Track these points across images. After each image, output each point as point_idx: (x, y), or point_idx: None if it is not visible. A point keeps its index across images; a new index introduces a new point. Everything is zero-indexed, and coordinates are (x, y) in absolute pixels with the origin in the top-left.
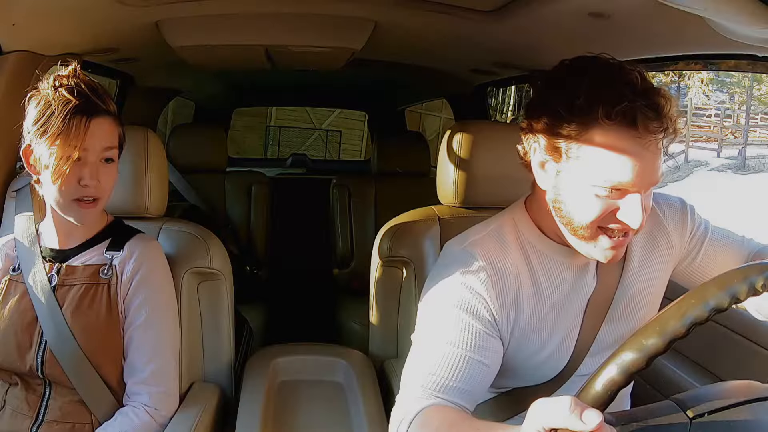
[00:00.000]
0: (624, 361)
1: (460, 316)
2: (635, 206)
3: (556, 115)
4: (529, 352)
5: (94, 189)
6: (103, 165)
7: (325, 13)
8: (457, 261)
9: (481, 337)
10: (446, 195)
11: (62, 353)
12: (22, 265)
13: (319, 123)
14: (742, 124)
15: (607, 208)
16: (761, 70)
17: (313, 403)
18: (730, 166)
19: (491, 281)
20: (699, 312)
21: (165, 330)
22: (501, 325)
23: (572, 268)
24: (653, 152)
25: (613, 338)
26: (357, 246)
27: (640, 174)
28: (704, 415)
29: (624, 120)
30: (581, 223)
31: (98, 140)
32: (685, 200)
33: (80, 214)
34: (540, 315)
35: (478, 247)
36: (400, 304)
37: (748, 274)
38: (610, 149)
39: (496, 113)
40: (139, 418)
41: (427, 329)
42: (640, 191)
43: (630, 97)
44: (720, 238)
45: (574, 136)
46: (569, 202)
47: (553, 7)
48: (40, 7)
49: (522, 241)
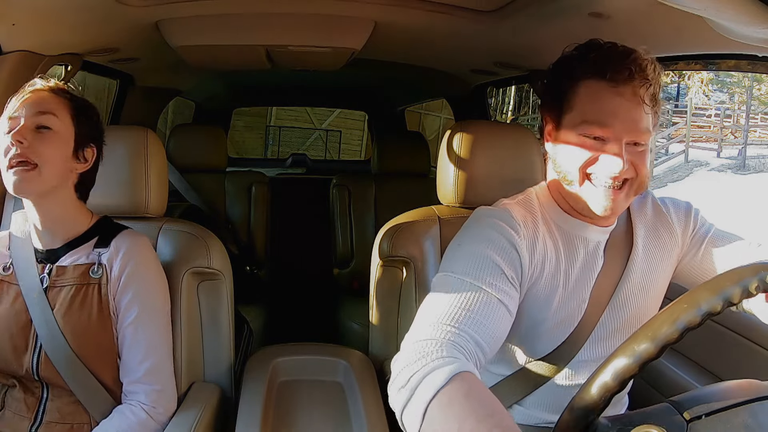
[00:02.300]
0: (617, 368)
1: (491, 255)
2: (615, 152)
3: (551, 84)
4: (538, 317)
5: (23, 150)
6: (38, 132)
7: (325, 13)
8: (493, 214)
9: (504, 281)
10: (446, 195)
11: (56, 355)
12: (16, 265)
13: (319, 123)
14: (742, 124)
15: (592, 156)
16: (761, 70)
17: (313, 403)
18: (730, 166)
19: (525, 234)
20: (691, 317)
21: (158, 327)
22: (524, 276)
23: (586, 243)
24: (629, 100)
25: (615, 325)
26: (357, 246)
27: (617, 121)
28: (701, 417)
29: (595, 70)
30: (571, 169)
31: (30, 106)
32: (692, 204)
33: (13, 179)
34: (557, 281)
35: (512, 208)
36: (400, 304)
37: (742, 276)
38: (589, 99)
39: (496, 113)
40: (136, 416)
41: (454, 266)
42: (619, 139)
43: (601, 52)
44: (722, 239)
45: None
46: (562, 154)
47: (553, 7)
48: (40, 7)
49: (543, 212)
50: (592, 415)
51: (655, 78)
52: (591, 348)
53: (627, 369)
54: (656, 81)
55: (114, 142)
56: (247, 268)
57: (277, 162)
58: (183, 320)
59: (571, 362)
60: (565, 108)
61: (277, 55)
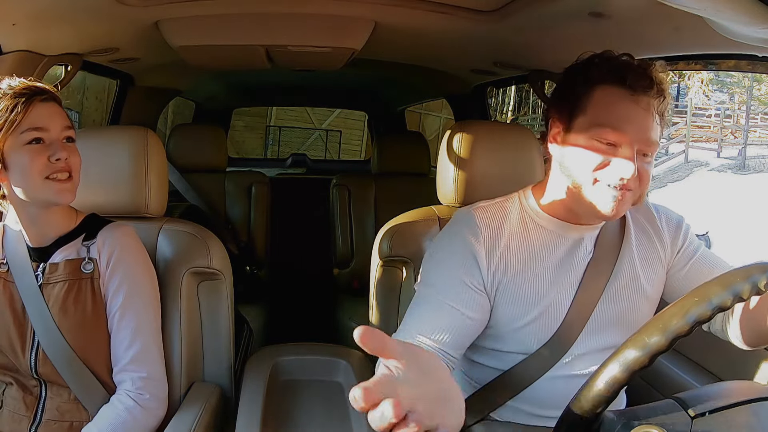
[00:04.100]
0: (627, 359)
1: (452, 271)
2: (628, 157)
3: (564, 88)
4: (518, 310)
5: (64, 162)
6: (67, 144)
7: (325, 13)
8: (458, 221)
9: (467, 291)
10: (446, 195)
11: (53, 352)
12: (11, 263)
13: (319, 123)
14: (742, 124)
15: (604, 160)
16: (761, 70)
17: (313, 403)
18: (730, 166)
19: (483, 239)
20: (702, 310)
21: (144, 313)
22: (487, 281)
23: (567, 240)
24: (644, 109)
25: (608, 318)
26: (357, 246)
27: (632, 127)
28: (705, 414)
29: (615, 77)
30: (581, 171)
31: (57, 120)
32: (684, 218)
33: (56, 191)
34: (528, 275)
35: (479, 210)
36: (400, 304)
37: (751, 273)
38: (605, 104)
39: (496, 113)
40: (123, 404)
41: (424, 281)
42: (632, 145)
43: (621, 60)
44: (708, 260)
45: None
46: (572, 157)
47: (553, 7)
48: (40, 7)
49: (523, 212)
50: (600, 408)
51: (668, 94)
52: (587, 340)
53: (637, 361)
54: (668, 97)
55: (114, 142)
56: (247, 268)
57: (277, 162)
58: (183, 320)
59: (567, 354)
60: (577, 111)
61: (277, 55)
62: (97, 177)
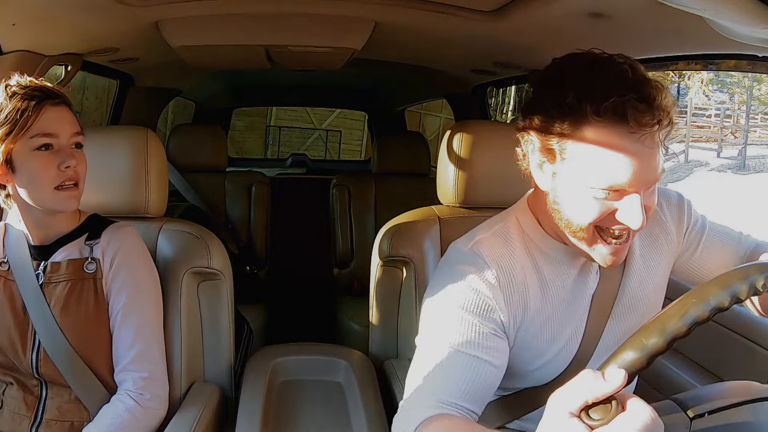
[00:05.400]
0: (625, 361)
1: (467, 317)
2: (635, 207)
3: (547, 115)
4: (535, 352)
5: (73, 171)
6: (75, 150)
7: (325, 13)
8: (463, 261)
9: (488, 337)
10: (446, 195)
11: (54, 351)
12: (12, 262)
13: (319, 123)
14: (742, 124)
15: (606, 210)
16: (761, 70)
17: (313, 403)
18: (730, 166)
19: (498, 282)
20: (700, 311)
21: (146, 312)
22: (508, 326)
23: (575, 266)
24: (649, 147)
25: (617, 336)
26: (357, 246)
27: (638, 172)
28: (704, 415)
29: (614, 115)
30: (580, 225)
31: (67, 126)
32: (683, 194)
33: (64, 199)
34: (546, 313)
35: (484, 246)
36: (400, 304)
37: (749, 274)
38: (604, 147)
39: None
40: (124, 403)
41: (432, 332)
42: (639, 191)
43: (619, 90)
44: (717, 234)
45: (567, 135)
46: (567, 203)
47: (553, 7)
48: (40, 7)
49: (526, 240)
50: None
51: (675, 121)
52: (597, 361)
53: (635, 362)
54: (675, 124)
55: (114, 143)
56: (247, 268)
57: (278, 162)
58: (183, 320)
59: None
60: (566, 147)
61: (277, 55)
62: (97, 177)
